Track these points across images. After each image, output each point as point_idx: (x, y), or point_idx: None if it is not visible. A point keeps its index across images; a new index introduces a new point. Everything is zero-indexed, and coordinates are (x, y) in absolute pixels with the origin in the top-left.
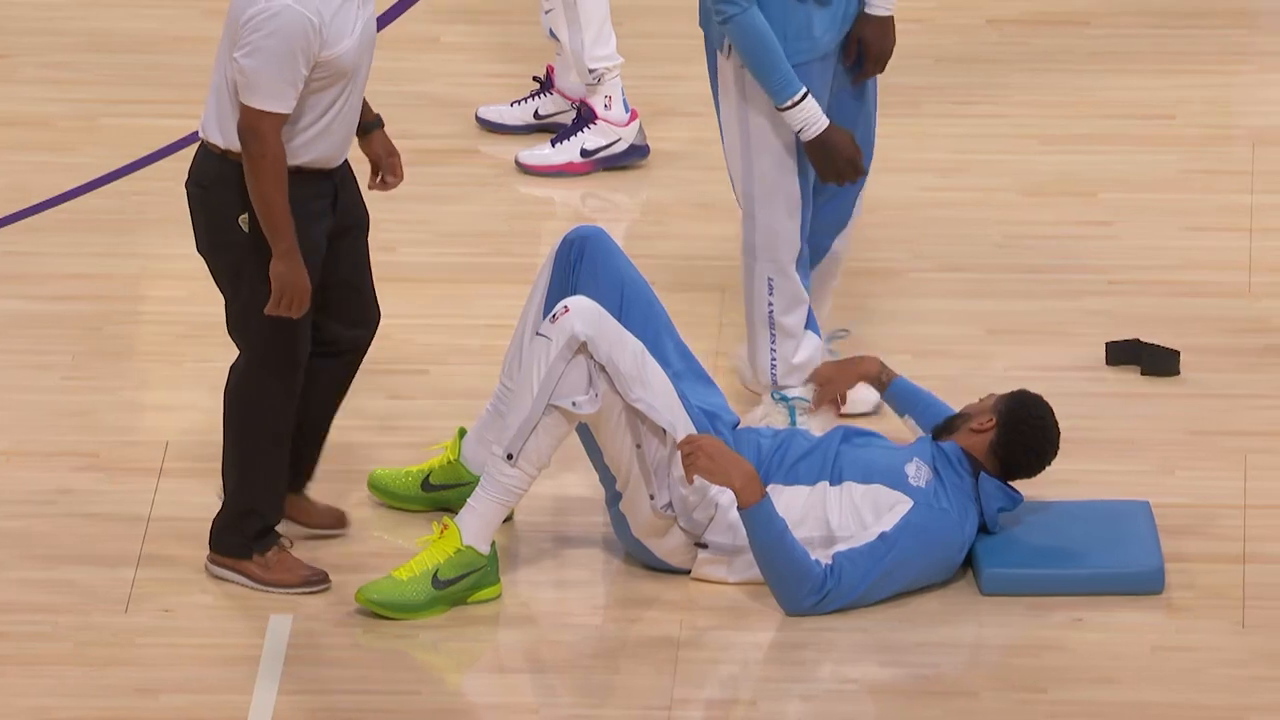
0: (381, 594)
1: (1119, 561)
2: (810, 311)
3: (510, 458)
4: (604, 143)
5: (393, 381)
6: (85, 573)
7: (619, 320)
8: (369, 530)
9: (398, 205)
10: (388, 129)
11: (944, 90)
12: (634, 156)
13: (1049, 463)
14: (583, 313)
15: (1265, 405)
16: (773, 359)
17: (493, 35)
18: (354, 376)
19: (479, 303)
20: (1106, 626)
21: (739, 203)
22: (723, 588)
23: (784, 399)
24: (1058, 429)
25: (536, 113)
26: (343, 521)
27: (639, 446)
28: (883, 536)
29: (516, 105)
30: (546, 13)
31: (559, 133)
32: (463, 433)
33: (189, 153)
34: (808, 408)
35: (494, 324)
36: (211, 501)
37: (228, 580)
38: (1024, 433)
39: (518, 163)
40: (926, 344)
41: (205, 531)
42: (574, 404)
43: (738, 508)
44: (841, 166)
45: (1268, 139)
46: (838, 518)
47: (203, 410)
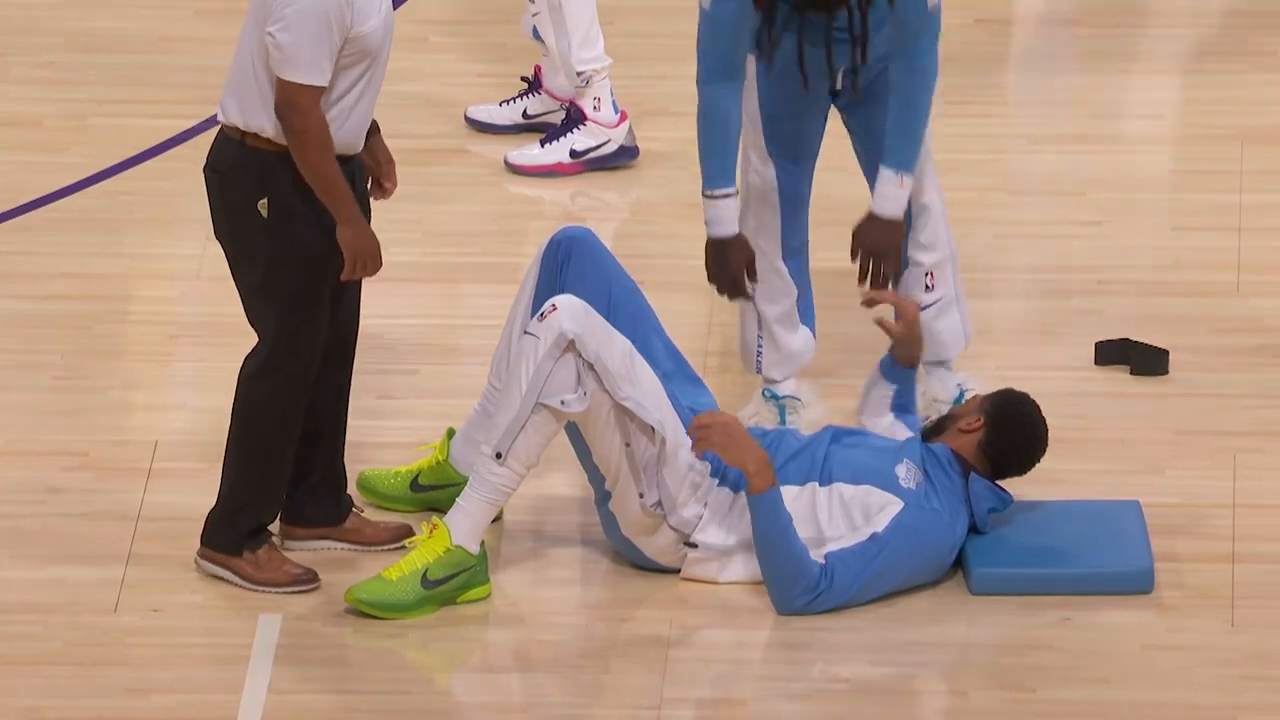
0: (371, 594)
1: (1109, 561)
2: (806, 304)
3: (499, 457)
4: (593, 144)
5: (382, 382)
6: (75, 572)
7: (607, 321)
8: None
9: (387, 204)
10: (388, 128)
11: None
12: (623, 158)
13: (1039, 459)
14: (571, 311)
15: (1254, 405)
16: (758, 348)
17: (481, 35)
18: (349, 383)
19: (468, 302)
20: (1096, 626)
21: None
22: (712, 587)
23: (774, 397)
24: (1045, 425)
25: (525, 112)
26: (408, 532)
27: (628, 445)
28: (874, 537)
29: (505, 105)
30: (533, 15)
31: (548, 133)
32: (451, 433)
33: (178, 152)
34: (798, 406)
35: (483, 324)
36: (201, 501)
37: (217, 576)
38: (1012, 430)
39: (507, 163)
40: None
41: (194, 531)
42: (562, 402)
43: (747, 492)
44: (723, 279)
45: (1256, 138)
46: (827, 518)
47: (192, 410)
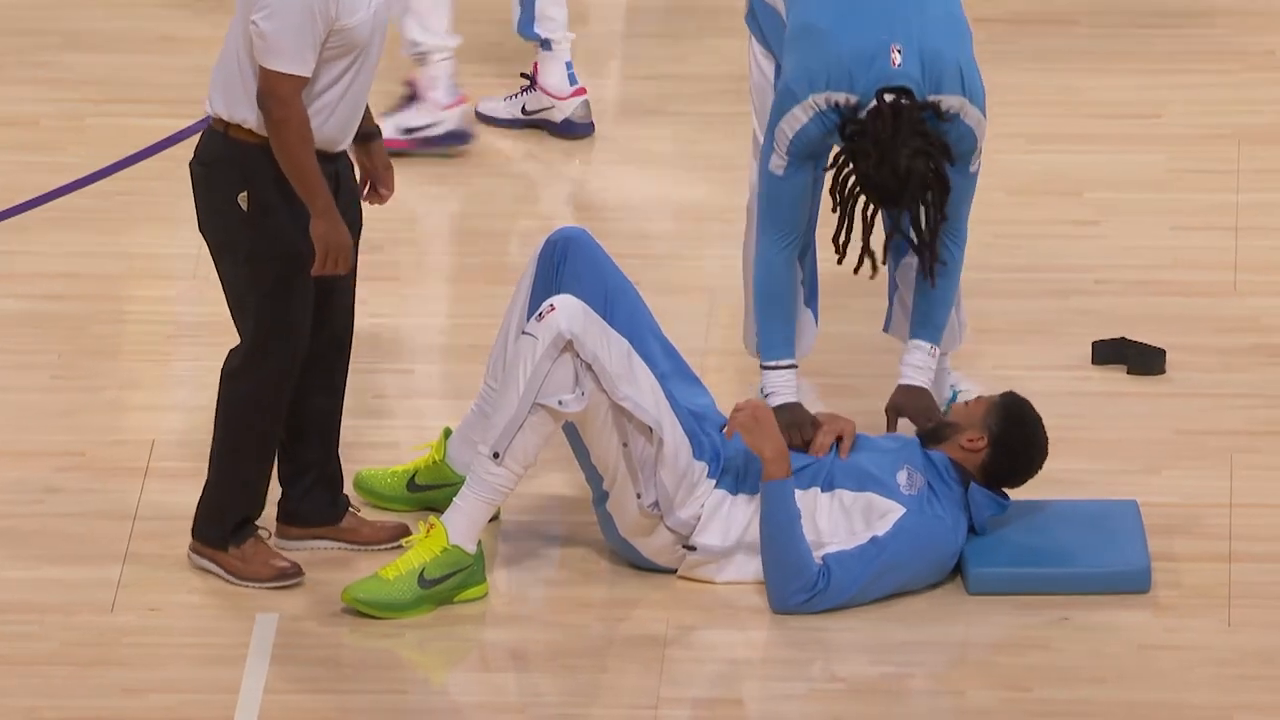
0: (368, 593)
1: (1106, 561)
2: (811, 291)
3: (496, 456)
4: (424, 123)
5: (378, 381)
6: (71, 572)
7: (604, 320)
8: None
9: (387, 204)
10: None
11: None
12: (453, 142)
13: (1030, 478)
14: (568, 311)
15: (1251, 404)
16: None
17: (479, 35)
18: (344, 382)
19: (465, 302)
20: (1093, 625)
21: None
22: (710, 586)
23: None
24: (1047, 440)
25: (524, 108)
26: (405, 531)
27: (625, 445)
28: (874, 540)
29: (508, 100)
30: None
31: (391, 109)
32: (448, 433)
33: (175, 152)
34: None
35: (479, 323)
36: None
37: (207, 570)
38: (1015, 452)
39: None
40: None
41: (190, 530)
42: (560, 402)
43: (761, 480)
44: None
45: (1254, 138)
46: (827, 523)
47: (189, 410)
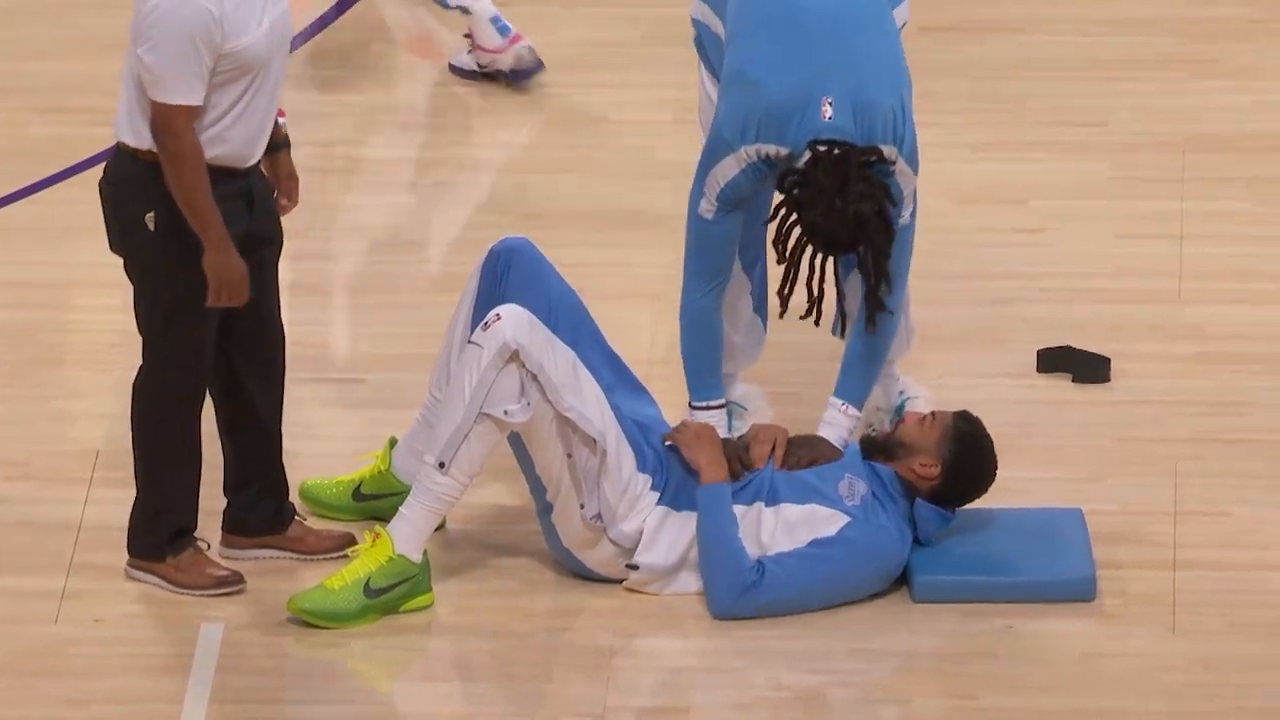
0: (313, 603)
1: (1051, 569)
2: (759, 299)
3: (442, 466)
4: (483, 64)
5: (324, 391)
6: (16, 583)
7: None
8: None
9: (333, 214)
10: (324, 138)
11: None
12: (522, 77)
13: (976, 499)
14: (514, 320)
15: (1195, 412)
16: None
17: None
18: (282, 390)
19: (410, 311)
20: (1038, 634)
21: None
22: (655, 596)
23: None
24: (996, 463)
25: (478, 64)
26: (351, 541)
27: (570, 456)
28: (815, 542)
29: (469, 54)
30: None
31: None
32: (393, 442)
33: None
34: (743, 413)
35: (425, 332)
36: None
37: (145, 582)
38: (968, 479)
39: (450, 65)
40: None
41: (126, 547)
42: (506, 412)
43: (697, 484)
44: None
45: (1198, 146)
46: (769, 539)
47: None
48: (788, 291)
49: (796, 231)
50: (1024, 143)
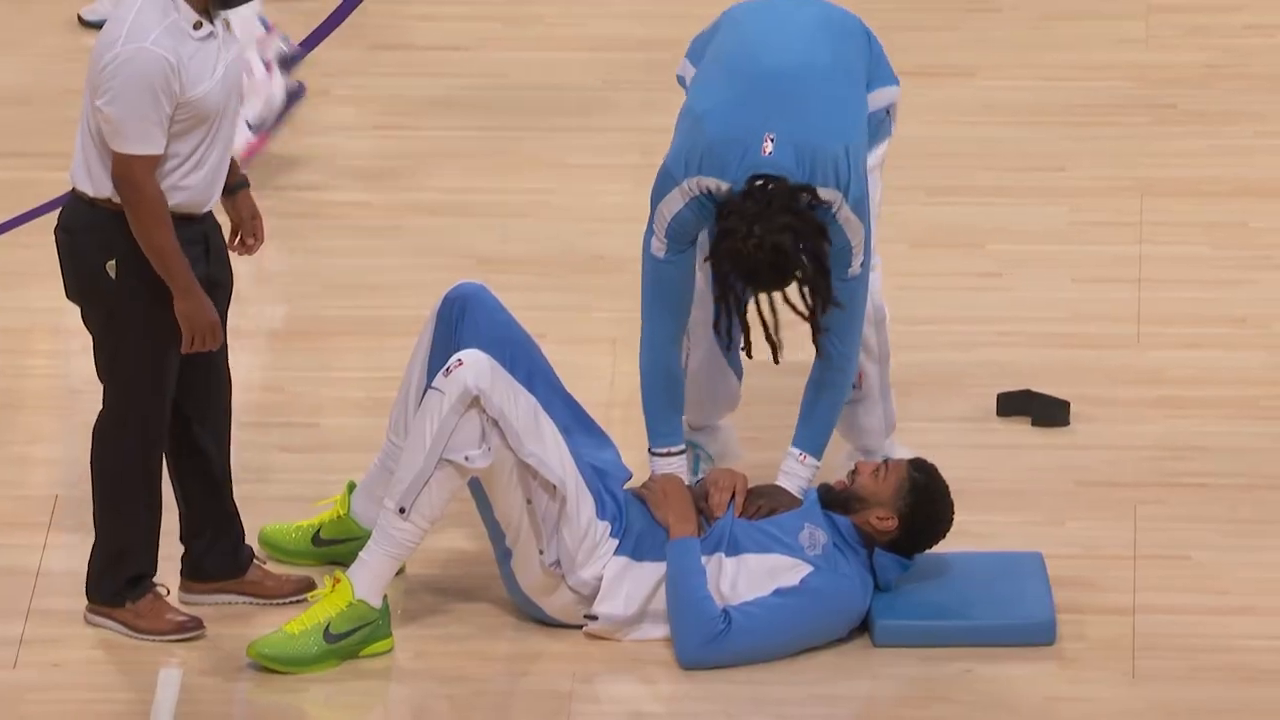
0: (273, 648)
1: (1010, 613)
2: (733, 359)
3: (403, 511)
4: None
5: (282, 436)
6: None
7: None
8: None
9: (287, 258)
10: (280, 180)
11: None
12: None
13: (933, 547)
14: (476, 366)
15: (1154, 456)
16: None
17: (381, 88)
18: (229, 435)
19: (367, 356)
20: (998, 678)
21: None
22: (615, 641)
23: (693, 444)
24: (953, 512)
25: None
26: (310, 585)
27: (530, 502)
28: (778, 591)
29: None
30: None
31: None
32: (352, 487)
33: None
34: (703, 455)
35: (382, 377)
36: None
37: (104, 628)
38: (924, 533)
39: None
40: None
41: (85, 593)
42: (467, 458)
43: (668, 539)
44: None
45: (1156, 191)
46: (731, 588)
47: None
48: (723, 328)
49: (726, 263)
50: (983, 187)
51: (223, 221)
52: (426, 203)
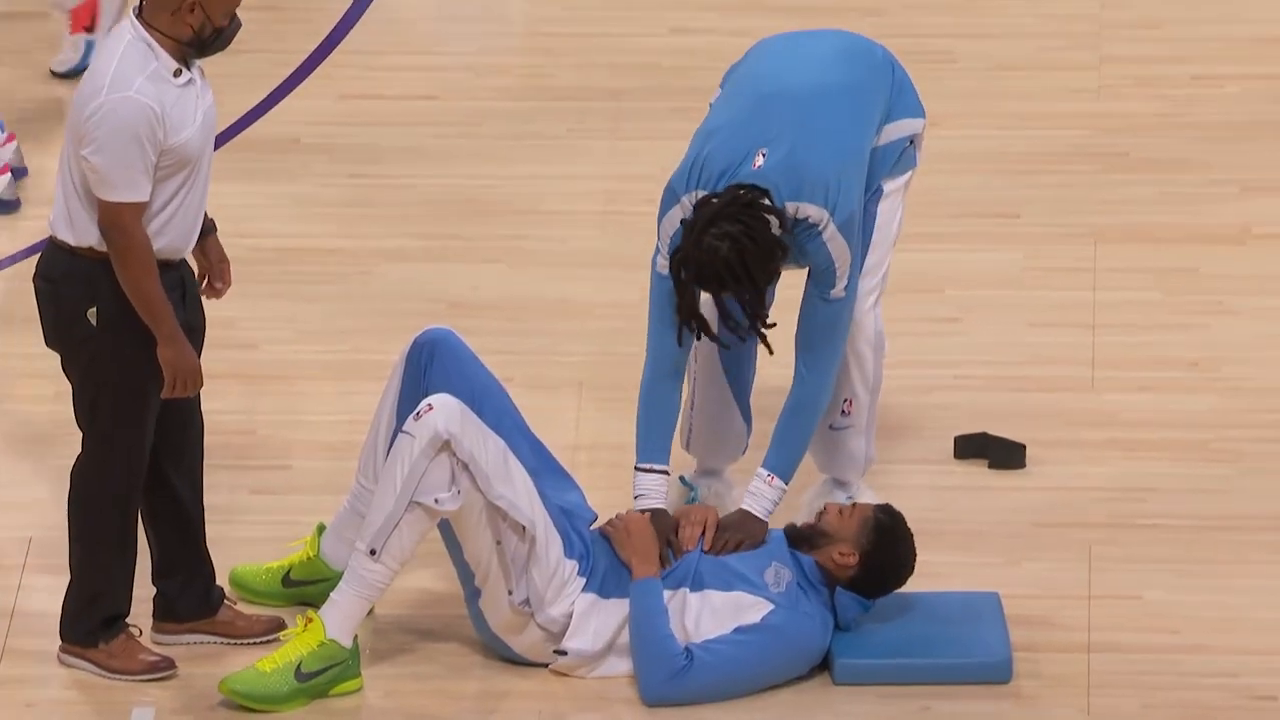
0: (245, 685)
1: (968, 652)
2: (744, 401)
3: (373, 553)
4: None
5: (253, 478)
6: None
7: None
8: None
9: (259, 303)
10: (252, 227)
11: None
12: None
13: (893, 590)
14: (446, 411)
15: (1108, 497)
16: (689, 425)
17: (350, 136)
18: (201, 478)
19: (338, 399)
20: (955, 715)
21: None
22: (582, 679)
23: (685, 482)
24: (915, 557)
25: None
26: (280, 625)
27: (499, 543)
28: (740, 629)
29: None
30: None
31: None
32: (321, 529)
33: None
34: (696, 499)
35: (352, 419)
36: None
37: (77, 668)
38: (884, 571)
39: None
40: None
41: (59, 633)
42: (436, 501)
43: (631, 579)
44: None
45: (1109, 237)
46: (695, 625)
47: (65, 507)
48: (681, 319)
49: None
50: (940, 234)
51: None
52: (396, 249)
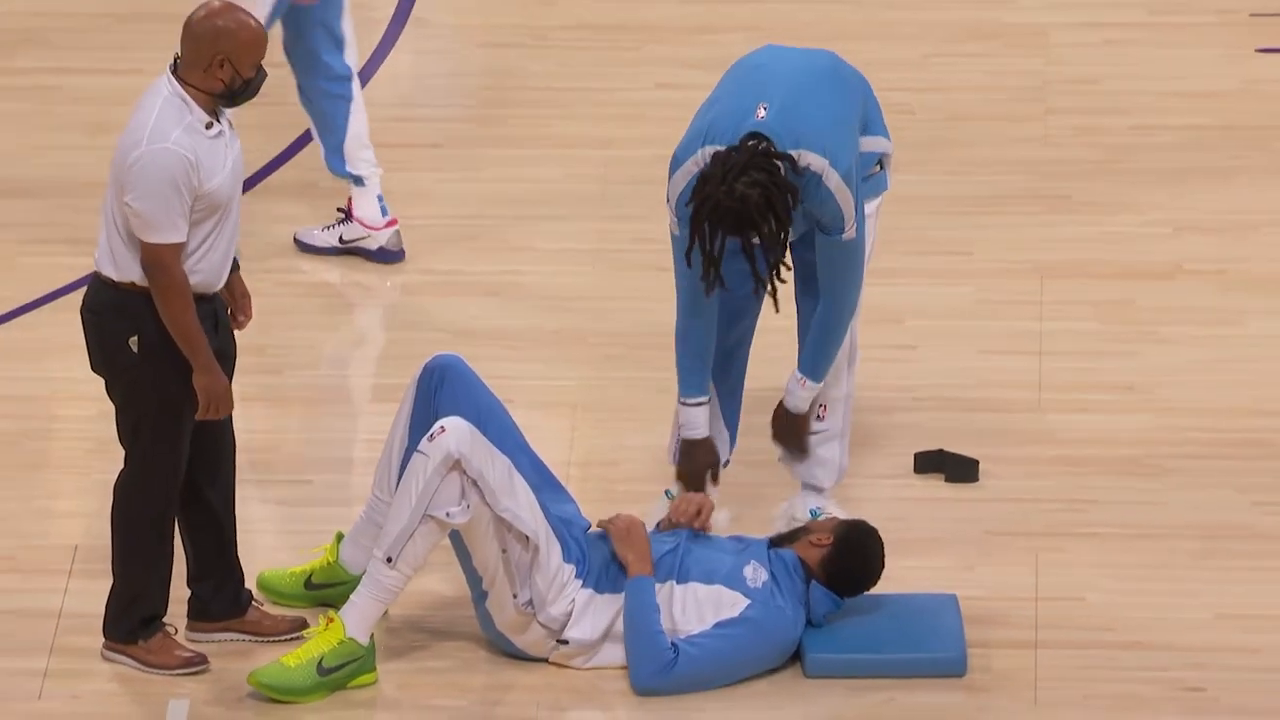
0: (271, 678)
1: (928, 648)
2: (731, 414)
3: (390, 561)
4: (358, 236)
5: (279, 491)
6: (3, 663)
7: None
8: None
9: (285, 333)
10: (275, 264)
11: None
12: (386, 257)
13: (866, 590)
14: (458, 433)
15: (1053, 509)
16: (674, 442)
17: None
18: (234, 492)
19: (356, 420)
20: (916, 705)
21: None
22: (579, 672)
23: (669, 495)
24: (882, 562)
25: (341, 238)
26: (304, 624)
27: (504, 551)
28: (720, 624)
29: (326, 230)
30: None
31: (330, 224)
32: (340, 537)
33: None
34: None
35: (369, 438)
36: None
37: (119, 663)
38: (853, 558)
39: (296, 240)
40: (752, 455)
41: (102, 631)
42: (448, 514)
43: (628, 576)
44: (689, 476)
45: (1054, 273)
46: (681, 613)
47: (108, 517)
48: (694, 260)
49: (700, 205)
50: (900, 269)
51: None
52: (409, 283)
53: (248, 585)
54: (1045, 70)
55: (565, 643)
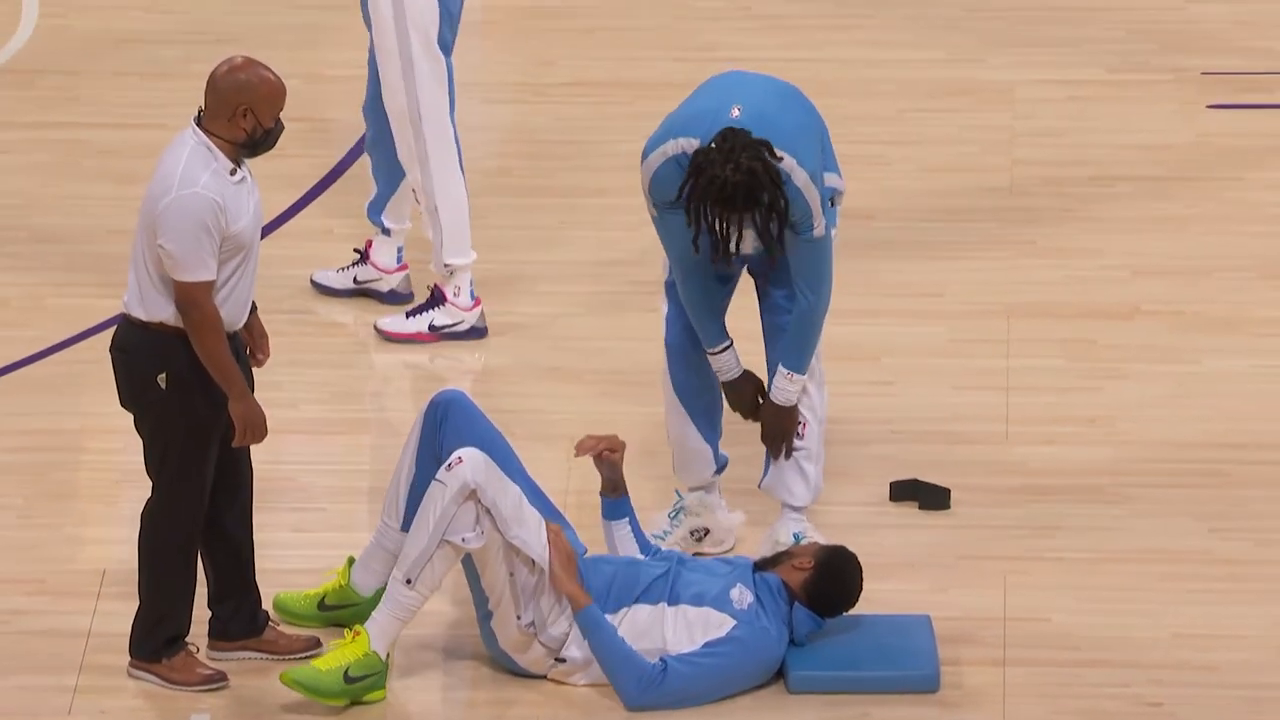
0: (304, 677)
1: (902, 665)
2: (699, 422)
3: (409, 582)
4: (450, 321)
5: (295, 518)
6: (34, 680)
7: None
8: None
9: (301, 370)
10: (289, 305)
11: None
12: (474, 335)
13: (844, 612)
14: (474, 463)
15: (1020, 535)
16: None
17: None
18: (251, 518)
19: (366, 452)
20: (891, 719)
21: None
22: (576, 688)
23: (679, 494)
24: (860, 586)
25: (355, 279)
26: (318, 643)
27: (512, 574)
28: (708, 643)
29: (341, 271)
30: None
31: (414, 307)
32: (351, 561)
33: None
34: (683, 507)
35: (376, 469)
36: None
37: (144, 680)
38: (832, 582)
39: (376, 328)
40: (733, 484)
41: (128, 650)
42: (464, 539)
43: (571, 612)
44: (742, 407)
45: (1020, 313)
46: (672, 635)
47: (134, 544)
48: (706, 244)
49: (700, 193)
50: (876, 310)
51: None
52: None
53: (264, 606)
54: (1013, 124)
55: (563, 660)
